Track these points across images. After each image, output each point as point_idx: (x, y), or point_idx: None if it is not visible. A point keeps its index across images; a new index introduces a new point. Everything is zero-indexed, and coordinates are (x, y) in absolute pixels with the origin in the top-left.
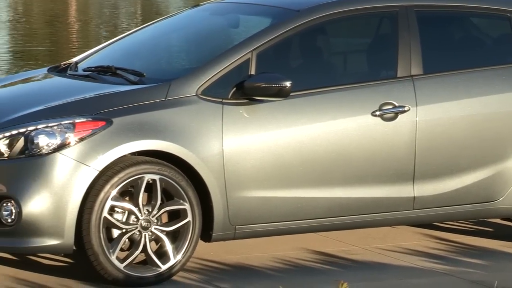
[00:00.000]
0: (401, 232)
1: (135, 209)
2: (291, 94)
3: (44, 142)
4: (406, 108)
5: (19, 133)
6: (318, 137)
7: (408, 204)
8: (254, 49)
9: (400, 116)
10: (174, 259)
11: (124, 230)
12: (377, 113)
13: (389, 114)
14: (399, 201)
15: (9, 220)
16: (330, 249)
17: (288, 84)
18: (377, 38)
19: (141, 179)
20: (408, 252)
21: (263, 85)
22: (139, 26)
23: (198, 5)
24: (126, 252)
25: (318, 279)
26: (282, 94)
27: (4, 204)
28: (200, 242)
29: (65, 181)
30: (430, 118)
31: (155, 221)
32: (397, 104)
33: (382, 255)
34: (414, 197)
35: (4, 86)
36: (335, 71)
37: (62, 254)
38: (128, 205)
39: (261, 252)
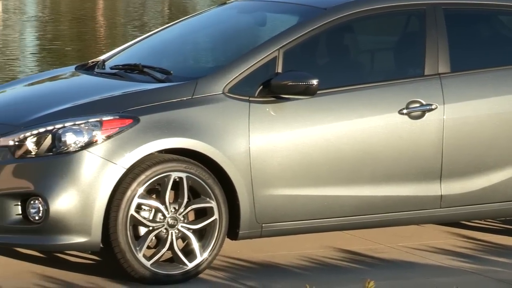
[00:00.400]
0: (428, 230)
1: (162, 207)
2: (318, 92)
3: (71, 140)
4: (433, 106)
5: (46, 131)
6: (345, 135)
7: (435, 202)
8: (281, 47)
9: (427, 114)
10: (200, 257)
11: (151, 228)
12: (404, 111)
13: (416, 112)
14: (426, 199)
15: (37, 218)
16: (357, 247)
17: (315, 82)
18: (404, 36)
19: (168, 177)
20: (435, 251)
21: (290, 83)
22: (166, 24)
23: (225, 3)
24: (153, 250)
25: (345, 278)
26: (309, 92)
27: (32, 202)
28: (227, 240)
29: (92, 179)
30: (458, 116)
31: (182, 219)
32: (424, 102)
33: (409, 254)
34: (441, 195)
35: (32, 84)
36: (362, 69)
37: (89, 252)
38: (155, 203)
39: (288, 250)
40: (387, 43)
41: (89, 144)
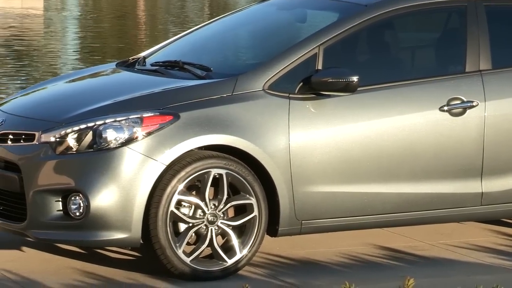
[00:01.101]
0: (469, 228)
1: (201, 204)
2: (358, 89)
3: (112, 136)
4: (474, 103)
5: (87, 127)
6: (385, 132)
7: (475, 200)
8: (321, 43)
9: (468, 111)
10: (240, 253)
11: (190, 224)
12: (445, 108)
13: (457, 109)
14: (466, 197)
15: (77, 214)
16: (397, 244)
17: (355, 79)
18: (445, 33)
19: (208, 173)
20: (476, 248)
21: (330, 80)
22: (206, 21)
23: (265, 0)
24: (193, 246)
25: (384, 275)
26: (349, 89)
27: (73, 198)
28: (266, 236)
29: (132, 175)
30: (499, 113)
31: (222, 215)
32: (465, 99)
33: (449, 251)
34: (482, 193)
35: (73, 80)
36: (402, 66)
37: (129, 248)
38: (194, 200)
39: (327, 247)
40: (427, 40)
41: (130, 140)
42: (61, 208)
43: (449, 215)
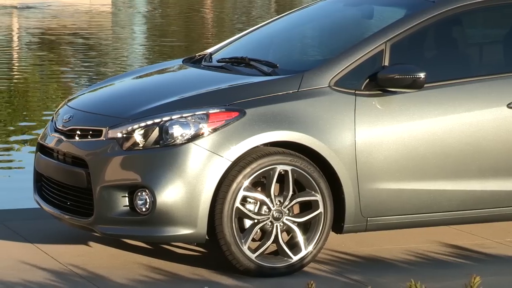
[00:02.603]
0: None
1: (267, 200)
2: (425, 85)
3: (178, 132)
4: None
5: (154, 124)
6: (453, 129)
7: None
8: (388, 40)
9: None
10: (305, 250)
11: (256, 221)
12: None
13: None
14: None
15: (144, 209)
16: (463, 242)
17: (422, 75)
18: None
19: (273, 169)
20: None
21: (397, 77)
22: (273, 17)
23: None
24: (258, 243)
25: (451, 273)
26: (416, 85)
27: (139, 194)
28: (331, 233)
29: (198, 171)
30: None
31: (287, 212)
32: None
33: None
34: None
35: (140, 77)
36: (470, 63)
37: (195, 244)
38: (260, 196)
39: (393, 244)
40: (495, 36)
41: (196, 136)
42: (127, 204)
43: None
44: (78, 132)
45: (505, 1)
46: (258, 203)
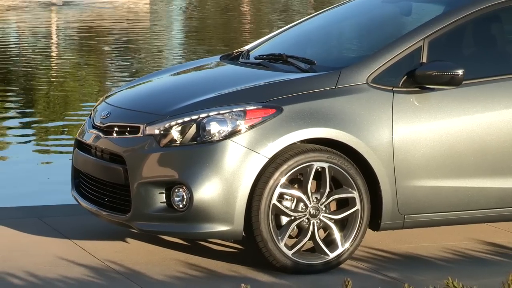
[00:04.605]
0: None
1: (303, 197)
2: (463, 82)
3: (215, 129)
4: None
5: (191, 120)
6: (491, 127)
7: None
8: (426, 36)
9: None
10: (342, 247)
11: (292, 218)
12: None
13: None
14: None
15: (181, 206)
16: (501, 240)
17: (460, 72)
18: None
19: (310, 166)
20: None
21: (435, 73)
22: (310, 14)
23: None
24: (294, 240)
25: (489, 270)
26: (454, 82)
27: (176, 190)
28: (368, 230)
29: (235, 168)
30: None
31: (324, 209)
32: None
33: None
34: None
35: (178, 74)
36: (508, 59)
37: (232, 241)
38: (297, 193)
39: (430, 242)
40: None
41: (233, 133)
42: (164, 200)
43: None
44: (116, 129)
45: None
46: (295, 200)
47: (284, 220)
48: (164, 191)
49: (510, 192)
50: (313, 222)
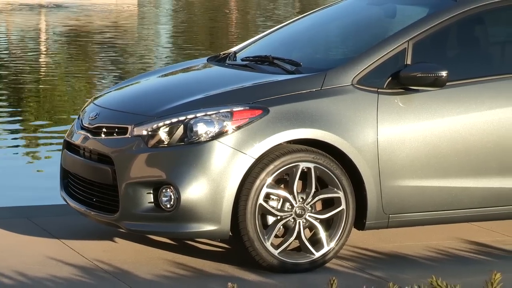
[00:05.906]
0: None
1: (290, 197)
2: (447, 83)
3: (202, 130)
4: None
5: (179, 121)
6: (474, 127)
7: None
8: (411, 39)
9: None
10: (327, 246)
11: (279, 217)
12: None
13: None
14: None
15: (168, 206)
16: (484, 239)
17: (444, 73)
18: None
19: (296, 167)
20: None
21: (419, 75)
22: (296, 16)
23: None
24: (281, 239)
25: (472, 269)
26: (438, 83)
27: (164, 190)
28: (353, 230)
29: (222, 168)
30: None
31: (309, 208)
32: None
33: None
34: None
35: (165, 75)
36: (492, 61)
37: (219, 240)
38: (283, 193)
39: (414, 241)
40: None
41: (220, 134)
42: (152, 200)
43: None
44: (104, 130)
45: None
46: (281, 200)
47: (271, 219)
48: (152, 191)
49: (493, 191)
50: (299, 222)
